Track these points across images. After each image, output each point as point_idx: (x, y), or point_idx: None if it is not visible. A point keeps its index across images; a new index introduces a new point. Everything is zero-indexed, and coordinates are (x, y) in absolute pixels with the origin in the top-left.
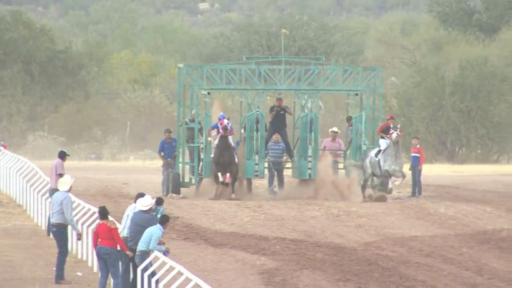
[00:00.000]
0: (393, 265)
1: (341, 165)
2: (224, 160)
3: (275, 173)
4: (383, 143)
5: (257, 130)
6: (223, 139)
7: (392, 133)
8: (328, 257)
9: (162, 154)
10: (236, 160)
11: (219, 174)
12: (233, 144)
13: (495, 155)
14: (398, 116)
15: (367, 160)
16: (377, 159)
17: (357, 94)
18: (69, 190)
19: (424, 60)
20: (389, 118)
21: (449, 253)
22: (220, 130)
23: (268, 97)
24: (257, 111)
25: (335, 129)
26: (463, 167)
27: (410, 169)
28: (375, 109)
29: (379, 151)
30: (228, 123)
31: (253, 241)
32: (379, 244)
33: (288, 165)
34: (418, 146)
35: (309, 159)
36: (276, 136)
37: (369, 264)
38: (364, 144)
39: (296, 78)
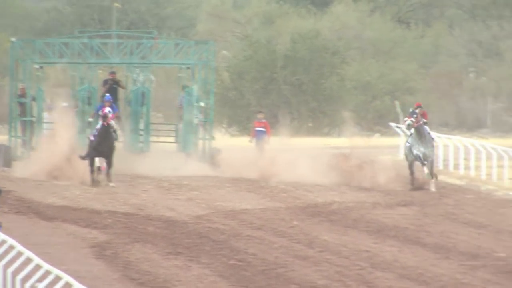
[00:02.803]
0: (224, 238)
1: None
2: (103, 149)
3: None
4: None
5: (89, 104)
6: (104, 127)
7: (406, 120)
8: (159, 231)
9: None
10: (115, 145)
11: (96, 159)
12: (115, 127)
13: (326, 128)
14: (229, 90)
15: (405, 147)
16: (407, 145)
17: (189, 68)
18: None
19: (256, 34)
20: (416, 106)
21: (280, 226)
22: (100, 119)
23: (100, 71)
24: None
25: (201, 104)
26: (294, 139)
27: (250, 141)
28: (207, 82)
29: (411, 134)
30: (109, 111)
31: (85, 215)
32: (210, 217)
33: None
34: (264, 120)
35: (141, 133)
36: None
37: (200, 237)
38: (196, 117)
39: (129, 52)
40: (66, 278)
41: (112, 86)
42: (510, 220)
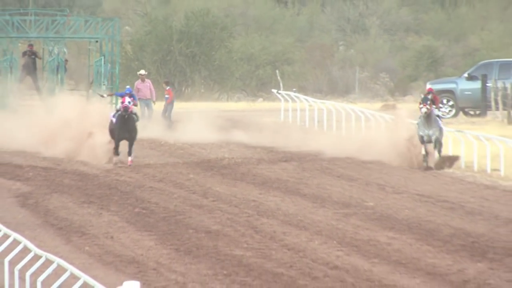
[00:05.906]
0: (130, 189)
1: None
2: (125, 136)
3: None
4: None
5: (11, 73)
6: (124, 118)
7: (422, 107)
8: (74, 183)
9: None
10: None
11: (116, 151)
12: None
13: (216, 93)
14: (132, 60)
15: (417, 124)
16: (417, 127)
17: (97, 41)
18: None
19: (155, 12)
20: (427, 92)
21: (179, 178)
22: (121, 109)
23: (20, 44)
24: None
25: (142, 71)
26: (188, 104)
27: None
28: (113, 54)
29: (420, 117)
30: (129, 102)
31: (10, 169)
32: (118, 171)
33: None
34: (168, 88)
35: None
36: None
37: (109, 188)
38: (104, 84)
39: (45, 27)
40: None
41: (31, 57)
42: (377, 174)
